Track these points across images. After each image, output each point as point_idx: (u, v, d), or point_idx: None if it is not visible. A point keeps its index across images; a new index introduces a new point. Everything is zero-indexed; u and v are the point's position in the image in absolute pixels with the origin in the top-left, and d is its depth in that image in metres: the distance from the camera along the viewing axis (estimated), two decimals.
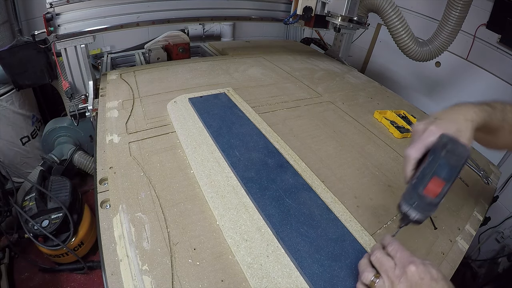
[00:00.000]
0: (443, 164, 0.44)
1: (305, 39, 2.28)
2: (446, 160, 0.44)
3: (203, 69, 1.39)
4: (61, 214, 1.39)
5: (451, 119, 0.52)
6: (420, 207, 0.46)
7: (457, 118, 0.52)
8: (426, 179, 0.45)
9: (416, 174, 0.49)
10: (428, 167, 0.46)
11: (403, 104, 1.34)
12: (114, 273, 0.53)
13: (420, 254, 0.65)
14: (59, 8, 1.05)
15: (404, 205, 0.48)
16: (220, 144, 0.84)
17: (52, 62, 1.63)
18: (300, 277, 0.55)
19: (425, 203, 0.45)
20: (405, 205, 0.48)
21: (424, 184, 0.45)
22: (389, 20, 1.44)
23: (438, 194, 0.45)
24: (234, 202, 0.68)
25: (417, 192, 0.46)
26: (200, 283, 0.53)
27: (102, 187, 0.71)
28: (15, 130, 1.76)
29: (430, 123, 0.52)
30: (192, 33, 2.66)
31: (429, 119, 0.54)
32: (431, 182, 0.44)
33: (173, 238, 0.60)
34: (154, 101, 1.07)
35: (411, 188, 0.48)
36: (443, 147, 0.45)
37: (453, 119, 0.52)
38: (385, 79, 2.36)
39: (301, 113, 1.12)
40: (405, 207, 0.48)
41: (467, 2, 1.37)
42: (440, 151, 0.45)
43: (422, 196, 0.45)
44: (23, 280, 1.49)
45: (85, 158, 1.89)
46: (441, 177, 0.44)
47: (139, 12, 1.22)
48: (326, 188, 0.76)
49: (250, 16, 1.52)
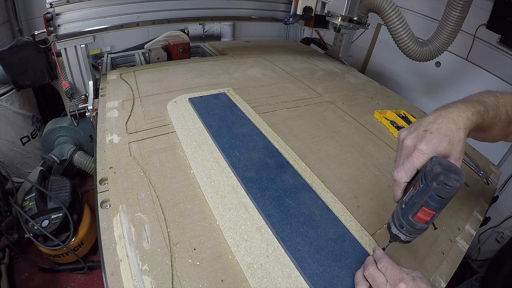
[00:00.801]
0: (434, 196, 0.42)
1: (305, 39, 2.28)
2: (437, 193, 0.42)
3: (203, 69, 1.39)
4: (61, 214, 1.39)
5: (442, 131, 0.47)
6: (409, 231, 0.47)
7: (448, 129, 0.47)
8: (416, 208, 0.44)
9: (405, 195, 0.48)
10: (419, 196, 0.44)
11: (403, 104, 1.34)
12: (114, 273, 0.53)
13: (420, 254, 0.65)
14: (59, 8, 1.05)
15: (393, 227, 0.49)
16: (220, 144, 0.84)
17: (52, 62, 1.63)
18: (300, 277, 0.55)
19: (414, 228, 0.46)
20: (394, 228, 0.49)
21: (413, 213, 0.45)
22: (389, 20, 1.44)
23: (428, 221, 0.45)
24: (234, 202, 0.68)
25: (406, 218, 0.46)
26: (200, 283, 0.53)
27: (102, 187, 0.71)
28: (15, 130, 1.76)
29: (419, 138, 0.48)
30: (192, 33, 2.66)
31: (417, 130, 0.49)
32: (421, 212, 0.44)
33: (173, 238, 0.60)
34: (154, 101, 1.07)
35: (401, 213, 0.47)
36: (434, 178, 0.42)
37: (444, 131, 0.47)
38: (385, 79, 2.36)
39: (301, 113, 1.12)
40: (394, 229, 0.49)
41: (467, 2, 1.37)
42: (431, 183, 0.42)
43: (412, 222, 0.46)
44: (23, 280, 1.49)
45: (85, 158, 1.89)
46: (431, 208, 0.43)
47: (139, 12, 1.22)
48: (326, 188, 0.76)
49: (250, 16, 1.52)
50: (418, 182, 0.45)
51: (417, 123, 0.52)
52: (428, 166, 0.44)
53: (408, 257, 0.63)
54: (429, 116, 0.51)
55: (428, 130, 0.48)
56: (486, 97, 0.56)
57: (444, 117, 0.49)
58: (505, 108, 0.57)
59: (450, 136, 0.47)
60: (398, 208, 0.48)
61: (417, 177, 0.46)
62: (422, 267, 0.62)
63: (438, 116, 0.50)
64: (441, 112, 0.50)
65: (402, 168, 0.48)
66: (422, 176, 0.44)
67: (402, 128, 0.56)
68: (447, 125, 0.48)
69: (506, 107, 0.57)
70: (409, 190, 0.47)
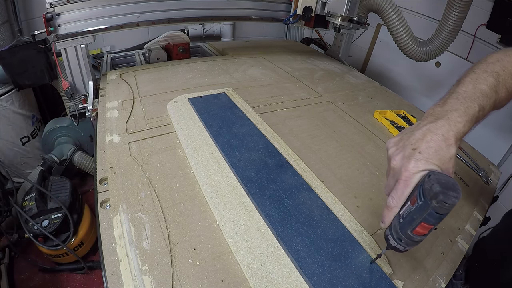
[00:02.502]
0: (433, 213, 0.43)
1: (305, 39, 2.28)
2: (436, 210, 0.42)
3: (203, 69, 1.39)
4: (61, 214, 1.39)
5: (432, 151, 0.45)
6: (408, 243, 0.48)
7: (438, 147, 0.45)
8: (415, 223, 0.45)
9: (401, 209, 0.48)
10: (417, 213, 0.44)
11: (403, 104, 1.34)
12: (114, 273, 0.53)
13: (420, 254, 0.65)
14: (59, 8, 1.05)
15: (391, 239, 0.50)
16: (220, 144, 0.84)
17: (52, 62, 1.63)
18: (300, 277, 0.55)
19: (413, 240, 0.47)
20: (393, 240, 0.49)
21: (412, 228, 0.46)
22: (389, 20, 1.44)
23: (426, 234, 0.46)
24: (234, 202, 0.68)
25: (405, 232, 0.47)
26: (200, 283, 0.53)
27: (102, 187, 0.71)
28: (15, 130, 1.76)
29: (408, 159, 0.45)
30: (192, 33, 2.66)
31: (405, 149, 0.47)
32: (419, 227, 0.45)
33: (173, 238, 0.60)
34: (154, 101, 1.07)
35: (399, 227, 0.48)
36: (434, 197, 0.42)
37: (434, 150, 0.45)
38: (385, 79, 2.36)
39: (301, 113, 1.12)
40: (393, 241, 0.49)
41: (467, 2, 1.37)
42: (430, 201, 0.42)
43: (410, 236, 0.46)
44: (23, 280, 1.49)
45: (85, 158, 1.89)
46: (430, 223, 0.44)
47: (139, 12, 1.22)
48: (326, 188, 0.76)
49: (250, 16, 1.52)
50: (416, 198, 0.45)
51: (405, 138, 0.49)
52: (426, 184, 0.43)
53: (408, 257, 0.63)
54: (417, 130, 0.48)
55: (417, 149, 0.45)
56: (484, 83, 0.51)
57: (434, 133, 0.46)
58: (506, 86, 0.53)
59: (441, 155, 0.45)
60: (395, 221, 0.48)
61: (414, 192, 0.46)
62: (422, 267, 0.62)
63: (427, 131, 0.46)
64: (430, 127, 0.47)
65: (394, 194, 0.47)
66: (420, 193, 0.44)
67: (390, 140, 0.52)
68: (436, 143, 0.45)
69: (507, 84, 0.53)
70: (406, 205, 0.47)
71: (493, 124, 1.72)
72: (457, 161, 1.01)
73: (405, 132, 0.51)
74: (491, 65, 0.54)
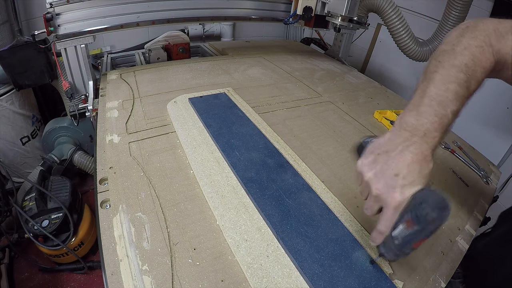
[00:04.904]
0: (427, 229, 0.44)
1: (305, 39, 2.28)
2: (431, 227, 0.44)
3: (203, 69, 1.39)
4: (61, 214, 1.39)
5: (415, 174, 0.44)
6: (402, 256, 0.50)
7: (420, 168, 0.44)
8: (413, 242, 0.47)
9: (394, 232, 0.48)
10: (413, 235, 0.45)
11: (403, 104, 1.34)
12: (114, 273, 0.53)
13: (420, 254, 0.65)
14: (59, 8, 1.05)
15: (387, 255, 0.51)
16: (220, 144, 0.84)
17: (52, 62, 1.63)
18: (300, 277, 0.55)
19: (407, 253, 0.49)
20: (389, 255, 0.51)
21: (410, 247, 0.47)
22: (389, 20, 1.44)
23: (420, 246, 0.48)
24: (234, 202, 0.68)
25: (401, 251, 0.48)
26: (200, 283, 0.53)
27: (102, 187, 0.71)
28: (15, 130, 1.76)
29: (392, 188, 0.44)
30: (192, 33, 2.66)
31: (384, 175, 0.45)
32: (416, 244, 0.47)
33: (173, 238, 0.60)
34: (154, 101, 1.07)
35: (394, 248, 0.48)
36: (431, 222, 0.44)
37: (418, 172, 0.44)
38: (385, 79, 2.36)
39: (301, 113, 1.12)
40: (389, 256, 0.51)
41: (467, 2, 1.37)
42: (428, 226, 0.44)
43: (405, 252, 0.48)
44: (23, 280, 1.49)
45: (85, 158, 1.89)
46: (425, 238, 0.46)
47: (139, 12, 1.22)
48: (326, 188, 0.76)
49: (250, 16, 1.52)
50: (411, 223, 0.45)
51: (380, 160, 0.47)
52: (420, 210, 0.43)
53: (408, 257, 0.63)
54: (393, 151, 0.46)
55: (400, 174, 0.44)
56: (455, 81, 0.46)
57: (413, 154, 0.44)
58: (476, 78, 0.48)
59: (423, 173, 0.44)
60: (390, 243, 0.49)
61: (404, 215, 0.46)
62: (422, 267, 0.62)
63: (406, 151, 0.45)
64: (408, 146, 0.45)
65: (385, 221, 0.46)
66: (415, 219, 0.44)
67: (362, 161, 0.49)
68: (418, 164, 0.44)
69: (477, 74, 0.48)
70: (399, 228, 0.47)
71: (493, 124, 1.72)
72: (457, 161, 1.02)
73: (376, 152, 0.48)
74: (459, 56, 0.48)
